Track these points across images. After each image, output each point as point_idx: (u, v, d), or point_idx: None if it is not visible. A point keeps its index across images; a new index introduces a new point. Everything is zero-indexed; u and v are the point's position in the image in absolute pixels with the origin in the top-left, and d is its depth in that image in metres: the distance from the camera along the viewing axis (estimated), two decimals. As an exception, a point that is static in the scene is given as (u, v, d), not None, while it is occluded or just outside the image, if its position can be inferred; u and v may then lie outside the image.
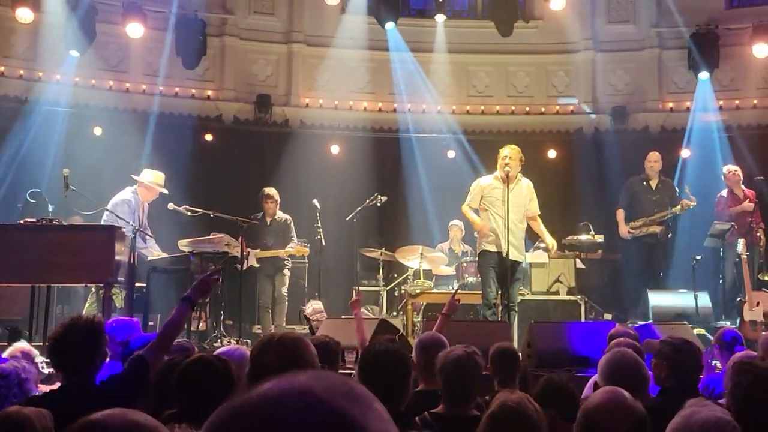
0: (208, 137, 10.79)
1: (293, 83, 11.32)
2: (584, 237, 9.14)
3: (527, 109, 11.42)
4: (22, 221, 6.57)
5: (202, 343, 7.11)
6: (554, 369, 5.29)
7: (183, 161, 9.87)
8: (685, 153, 10.36)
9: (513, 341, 6.37)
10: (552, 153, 10.98)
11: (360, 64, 11.36)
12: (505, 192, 6.97)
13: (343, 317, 6.76)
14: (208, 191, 10.13)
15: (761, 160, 9.81)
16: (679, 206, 8.62)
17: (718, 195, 8.91)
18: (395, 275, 9.33)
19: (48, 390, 3.31)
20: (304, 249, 8.61)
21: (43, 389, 3.46)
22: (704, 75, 10.47)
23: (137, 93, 10.61)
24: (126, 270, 6.58)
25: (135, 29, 9.92)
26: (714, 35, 10.49)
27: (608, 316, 8.54)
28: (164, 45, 10.55)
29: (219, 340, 7.14)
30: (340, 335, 4.80)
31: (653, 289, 8.37)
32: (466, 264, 8.63)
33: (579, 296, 8.24)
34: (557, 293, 8.49)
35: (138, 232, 7.08)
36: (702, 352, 3.63)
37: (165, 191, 7.68)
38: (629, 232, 8.86)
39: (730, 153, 9.97)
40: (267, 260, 8.45)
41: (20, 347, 4.29)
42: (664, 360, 3.25)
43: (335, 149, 10.93)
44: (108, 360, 3.39)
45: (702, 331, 7.26)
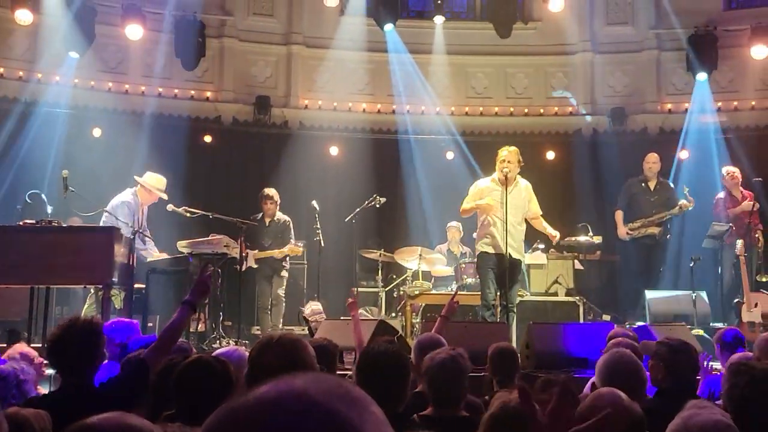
0: (207, 138, 10.79)
1: (292, 85, 11.32)
2: (583, 238, 9.15)
3: (526, 111, 11.43)
4: (21, 222, 6.56)
5: (201, 344, 7.12)
6: (552, 370, 5.30)
7: (182, 162, 9.87)
8: (684, 154, 10.36)
9: (512, 342, 6.37)
10: (551, 154, 10.99)
11: (359, 66, 11.36)
12: (504, 194, 6.97)
13: (342, 318, 6.76)
14: (207, 192, 10.13)
15: (759, 162, 9.81)
16: (678, 207, 8.62)
17: (717, 197, 8.92)
18: (394, 276, 9.33)
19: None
20: (297, 249, 8.51)
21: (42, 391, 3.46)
22: (702, 76, 10.48)
23: (136, 94, 10.60)
24: (125, 271, 6.58)
25: (134, 31, 9.91)
26: (712, 37, 10.50)
27: (606, 317, 8.55)
28: (163, 46, 10.55)
29: (218, 341, 7.14)
30: (339, 336, 4.81)
31: (651, 291, 8.38)
32: (465, 265, 8.64)
33: (577, 297, 8.25)
34: (556, 294, 8.50)
35: (137, 234, 7.07)
36: (698, 354, 3.63)
37: (165, 197, 7.66)
38: (628, 234, 8.86)
39: (729, 154, 9.97)
40: (264, 261, 8.43)
41: (20, 349, 4.28)
42: (661, 361, 3.25)
43: (334, 151, 10.93)
44: (107, 361, 3.39)
45: (700, 332, 7.26)
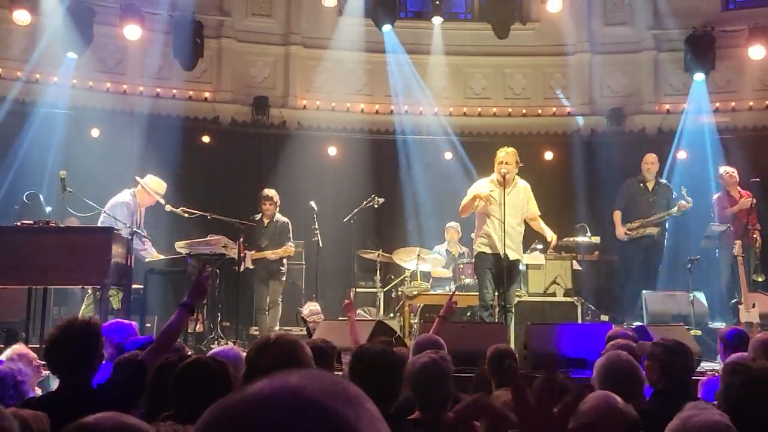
0: (206, 139, 10.78)
1: (290, 85, 11.31)
2: (581, 238, 9.15)
3: (524, 111, 11.44)
4: (19, 223, 6.56)
5: (200, 345, 7.11)
6: (551, 371, 5.28)
7: (180, 163, 9.87)
8: (682, 155, 10.37)
9: (510, 343, 6.38)
10: (549, 155, 10.99)
11: (357, 66, 11.36)
12: (502, 195, 6.97)
13: (340, 319, 6.76)
14: (205, 193, 10.12)
15: (757, 162, 9.81)
16: (676, 208, 8.62)
17: (715, 197, 8.93)
18: (392, 277, 9.33)
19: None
20: (290, 250, 8.35)
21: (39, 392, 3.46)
22: (699, 77, 10.49)
23: (134, 95, 10.59)
24: (123, 272, 6.57)
25: (132, 31, 9.91)
26: (710, 37, 10.51)
27: (605, 318, 8.55)
28: (161, 47, 10.54)
29: (216, 342, 7.13)
30: (337, 337, 4.82)
31: (649, 291, 8.38)
32: (463, 265, 8.64)
33: (575, 298, 8.24)
34: (554, 295, 8.49)
35: (135, 235, 7.07)
36: (693, 354, 3.63)
37: (163, 201, 7.64)
38: (626, 234, 8.86)
39: (726, 154, 9.97)
40: (261, 263, 8.34)
41: (18, 349, 4.28)
42: (656, 362, 3.25)
43: (332, 151, 10.93)
44: (104, 362, 3.38)
45: (698, 333, 7.27)
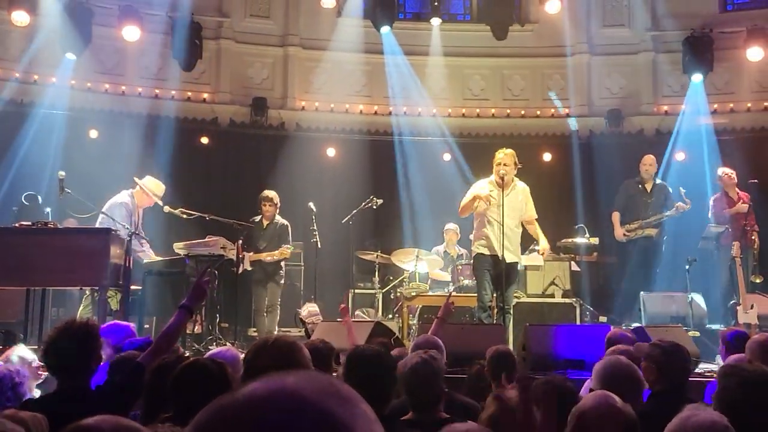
0: (204, 140, 10.79)
1: (289, 86, 11.32)
2: (579, 240, 9.16)
3: (523, 113, 11.45)
4: (17, 224, 6.55)
5: (198, 346, 7.11)
6: (549, 372, 5.30)
7: (178, 164, 9.88)
8: (680, 156, 10.38)
9: (508, 344, 6.38)
10: (547, 156, 11.00)
11: (356, 68, 11.37)
12: (501, 196, 6.97)
13: (339, 320, 6.75)
14: (204, 194, 10.12)
15: (755, 164, 9.83)
16: (674, 209, 8.63)
17: (713, 197, 8.94)
18: (391, 278, 9.32)
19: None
20: (286, 252, 8.28)
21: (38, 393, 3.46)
22: (697, 78, 10.50)
23: (133, 96, 10.59)
24: (121, 273, 6.57)
25: (131, 32, 9.91)
26: (708, 39, 10.53)
27: (603, 319, 8.56)
28: (160, 48, 10.55)
29: (215, 343, 7.13)
30: (336, 338, 4.81)
31: (648, 292, 8.38)
32: (462, 267, 8.63)
33: (574, 299, 8.24)
34: (552, 296, 8.49)
35: (134, 235, 7.07)
36: (692, 355, 3.63)
37: (161, 203, 7.65)
38: (624, 235, 8.87)
39: (725, 156, 9.97)
40: (258, 265, 8.30)
41: (17, 351, 4.28)
42: (653, 363, 3.26)
43: (331, 152, 10.94)
44: (102, 364, 3.38)
45: (696, 334, 7.28)
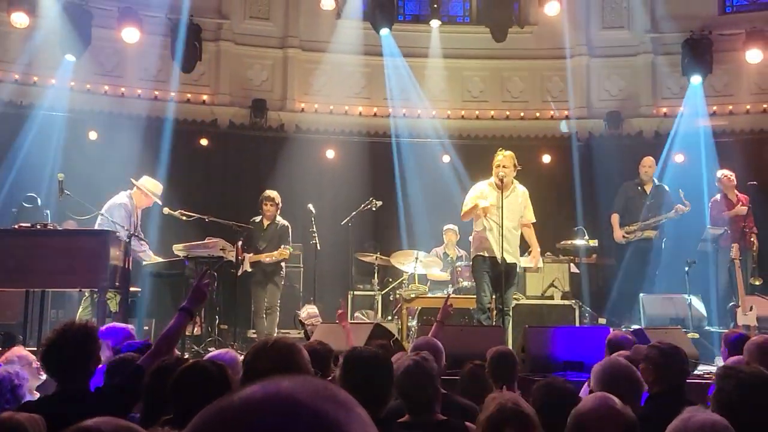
0: (204, 142, 10.80)
1: (289, 88, 11.33)
2: (579, 241, 9.17)
3: (522, 114, 11.46)
4: (17, 226, 6.55)
5: (197, 348, 7.11)
6: (548, 373, 5.30)
7: (178, 166, 9.88)
8: (679, 158, 10.38)
9: (507, 345, 6.37)
10: (546, 158, 11.01)
11: (355, 69, 11.38)
12: (500, 198, 6.98)
13: (338, 322, 6.75)
14: (203, 196, 10.13)
15: (754, 166, 9.84)
16: (674, 211, 8.64)
17: (712, 199, 8.95)
18: (390, 279, 9.33)
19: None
20: (285, 252, 8.23)
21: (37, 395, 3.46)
22: (696, 80, 10.51)
23: (132, 98, 10.60)
24: (121, 274, 6.57)
25: (130, 34, 9.92)
26: (708, 41, 10.54)
27: (602, 321, 8.55)
28: (159, 50, 10.56)
29: (214, 345, 7.13)
30: (335, 340, 4.82)
31: (647, 294, 8.39)
32: (461, 268, 8.64)
33: (573, 301, 8.24)
34: (552, 298, 8.50)
35: (133, 237, 7.07)
36: (691, 357, 3.64)
37: (160, 202, 7.66)
38: (624, 237, 8.88)
39: (724, 158, 9.97)
40: (258, 266, 8.27)
41: (18, 352, 4.28)
42: (651, 365, 3.27)
43: (330, 154, 10.94)
44: (101, 365, 3.38)
45: (695, 336, 7.28)
